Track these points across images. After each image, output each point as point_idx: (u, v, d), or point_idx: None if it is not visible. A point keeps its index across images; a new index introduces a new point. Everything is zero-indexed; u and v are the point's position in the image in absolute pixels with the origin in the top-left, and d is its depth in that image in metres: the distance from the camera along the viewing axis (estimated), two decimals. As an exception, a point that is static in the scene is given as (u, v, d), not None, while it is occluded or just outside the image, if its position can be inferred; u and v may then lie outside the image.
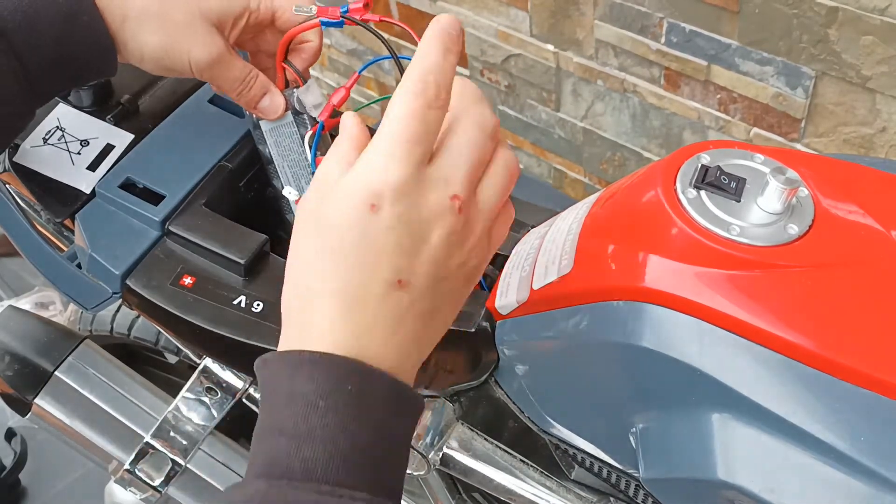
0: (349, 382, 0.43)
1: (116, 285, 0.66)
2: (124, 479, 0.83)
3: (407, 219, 0.43)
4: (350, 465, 0.42)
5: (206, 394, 0.84)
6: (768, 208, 0.46)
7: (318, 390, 0.42)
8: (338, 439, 0.42)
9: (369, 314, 0.44)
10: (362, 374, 0.43)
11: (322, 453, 0.41)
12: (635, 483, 0.60)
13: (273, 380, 0.44)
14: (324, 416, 0.42)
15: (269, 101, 0.65)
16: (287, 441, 0.42)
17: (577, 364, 0.54)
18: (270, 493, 0.40)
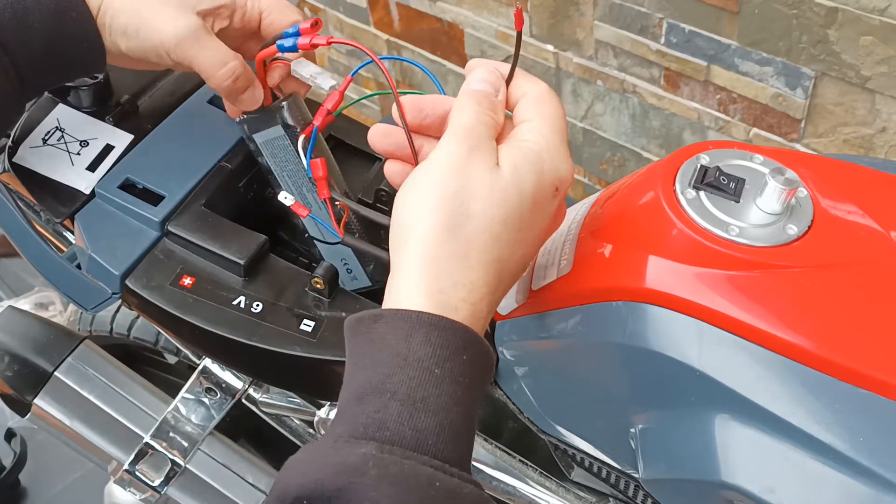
0: (465, 352, 0.42)
1: (116, 286, 0.66)
2: (124, 480, 0.83)
3: (558, 209, 0.49)
4: (458, 440, 0.41)
5: (206, 394, 0.84)
6: (767, 209, 0.46)
7: (434, 355, 0.41)
8: (451, 410, 0.41)
9: (501, 290, 0.47)
10: (476, 345, 0.43)
11: (434, 424, 0.40)
12: (634, 483, 0.60)
13: (385, 336, 0.42)
14: (439, 384, 0.41)
15: (251, 93, 0.63)
16: (399, 406, 0.40)
17: (577, 365, 0.54)
18: (384, 458, 0.39)
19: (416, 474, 0.39)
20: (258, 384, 0.84)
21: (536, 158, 0.47)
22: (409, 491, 0.38)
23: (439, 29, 1.66)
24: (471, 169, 0.45)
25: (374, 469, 0.38)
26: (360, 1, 1.75)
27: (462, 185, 0.45)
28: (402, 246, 0.45)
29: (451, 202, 0.44)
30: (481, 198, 0.45)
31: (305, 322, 0.63)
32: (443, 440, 0.40)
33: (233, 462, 0.87)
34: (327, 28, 1.88)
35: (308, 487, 0.38)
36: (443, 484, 0.39)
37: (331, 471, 0.38)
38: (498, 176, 0.45)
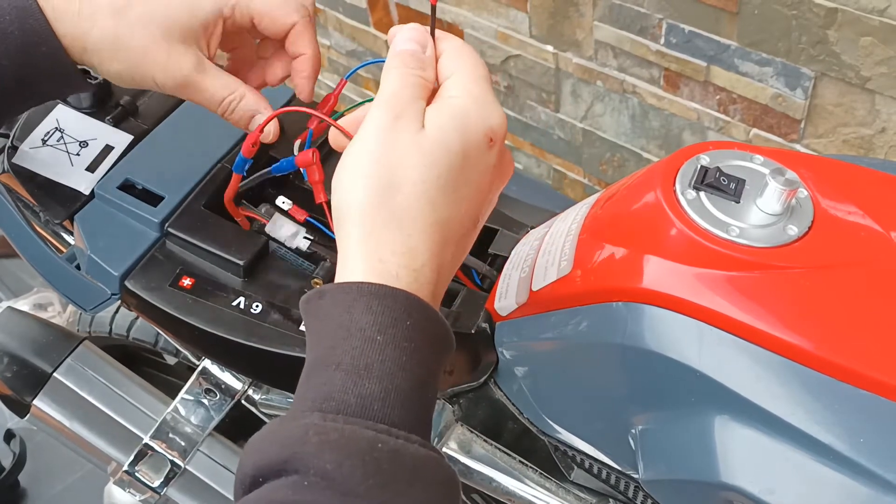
0: (409, 318, 0.42)
1: (115, 286, 0.66)
2: (123, 481, 0.83)
3: (499, 159, 0.48)
4: (406, 404, 0.41)
5: (205, 395, 0.83)
6: (767, 209, 0.46)
7: (376, 323, 0.42)
8: (395, 376, 0.41)
9: (449, 252, 0.46)
10: (420, 311, 0.43)
11: (379, 390, 0.41)
12: (634, 484, 0.60)
13: (329, 311, 0.43)
14: (382, 350, 0.41)
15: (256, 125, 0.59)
16: (343, 375, 0.41)
17: (577, 365, 0.54)
18: (326, 426, 0.39)
19: (357, 437, 0.39)
20: (258, 385, 0.84)
21: (461, 113, 0.46)
22: (351, 454, 0.38)
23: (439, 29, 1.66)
24: (396, 137, 0.45)
25: (314, 437, 0.39)
26: (360, 1, 1.75)
27: (388, 155, 0.45)
28: (342, 224, 0.45)
29: (379, 173, 0.44)
30: (409, 165, 0.44)
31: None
32: (388, 405, 0.41)
33: (232, 463, 0.87)
34: (327, 29, 1.88)
35: (259, 464, 0.39)
36: (385, 445, 0.39)
37: (277, 445, 0.39)
38: (423, 138, 0.45)
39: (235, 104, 0.58)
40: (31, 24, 0.54)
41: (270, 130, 0.60)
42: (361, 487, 0.38)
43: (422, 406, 0.42)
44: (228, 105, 0.58)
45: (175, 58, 0.56)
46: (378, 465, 0.38)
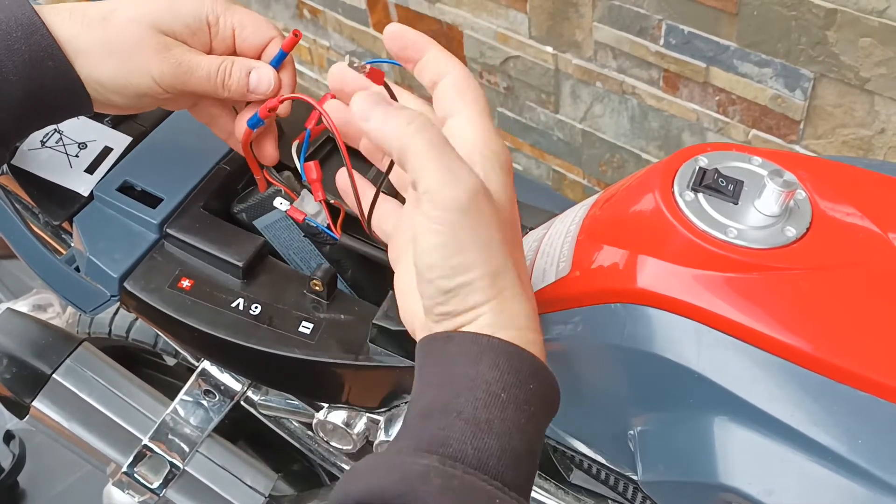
0: (532, 381, 0.43)
1: (114, 288, 0.66)
2: (122, 482, 0.83)
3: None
4: (518, 466, 0.41)
5: (205, 396, 0.84)
6: (766, 211, 0.46)
7: (501, 380, 0.42)
8: (513, 436, 0.41)
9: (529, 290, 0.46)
10: (542, 375, 0.44)
11: (497, 447, 0.41)
12: (633, 485, 0.60)
13: (456, 358, 0.43)
14: (503, 409, 0.42)
15: (256, 77, 0.59)
16: (463, 425, 0.41)
17: (575, 367, 0.54)
18: (447, 471, 0.39)
19: (477, 489, 0.39)
20: (257, 386, 0.84)
21: (501, 164, 0.46)
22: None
23: (438, 30, 1.66)
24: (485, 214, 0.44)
25: (436, 479, 0.39)
26: (360, 2, 1.75)
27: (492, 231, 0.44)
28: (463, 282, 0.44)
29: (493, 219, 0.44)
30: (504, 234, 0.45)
31: (304, 324, 0.63)
32: (503, 463, 0.41)
33: (231, 464, 0.87)
34: (326, 30, 1.88)
35: (369, 492, 0.39)
36: (503, 502, 0.39)
37: (394, 478, 0.39)
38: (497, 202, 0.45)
39: (230, 66, 0.59)
40: (38, 40, 0.55)
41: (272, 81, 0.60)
42: None
43: (530, 470, 0.43)
44: (225, 70, 0.59)
45: (166, 45, 0.57)
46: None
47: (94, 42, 0.56)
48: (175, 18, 0.57)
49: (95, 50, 0.56)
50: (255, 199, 0.68)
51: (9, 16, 0.55)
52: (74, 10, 0.57)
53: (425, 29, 1.67)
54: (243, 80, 0.59)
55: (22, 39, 0.55)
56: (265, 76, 0.59)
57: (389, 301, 0.62)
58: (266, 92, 0.60)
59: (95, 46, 0.56)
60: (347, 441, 0.71)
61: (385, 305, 0.62)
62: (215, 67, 0.59)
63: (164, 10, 0.57)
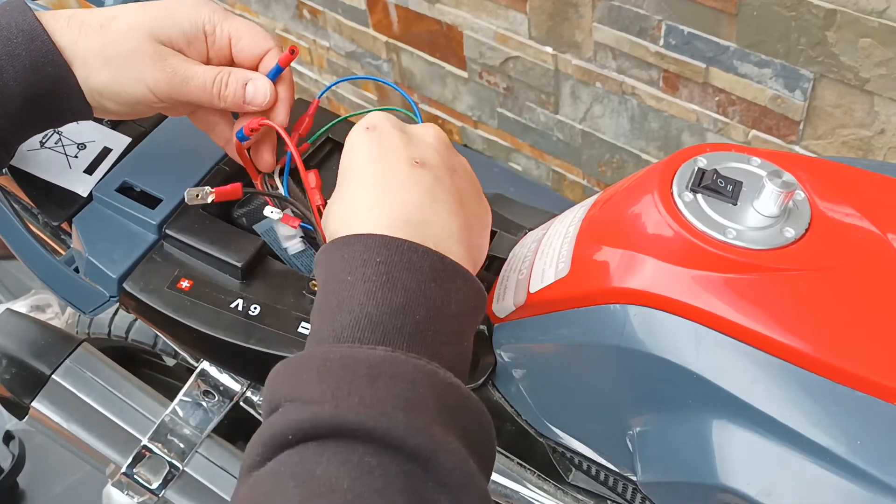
0: (378, 255, 0.46)
1: (114, 289, 0.66)
2: (122, 483, 0.83)
3: (400, 128, 0.53)
4: (377, 326, 0.44)
5: (204, 397, 0.83)
6: (765, 211, 0.46)
7: (347, 268, 0.46)
8: (365, 306, 0.44)
9: (398, 186, 0.49)
10: (390, 246, 0.46)
11: (349, 319, 0.44)
12: (632, 486, 0.60)
13: (319, 273, 0.48)
14: (352, 288, 0.45)
15: (252, 89, 0.60)
16: (323, 318, 0.45)
17: (575, 367, 0.54)
18: (305, 354, 0.43)
19: (311, 356, 0.43)
20: (256, 387, 0.84)
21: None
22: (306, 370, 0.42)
23: (438, 31, 1.66)
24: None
25: (282, 369, 0.44)
26: (359, 3, 1.75)
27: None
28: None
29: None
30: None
31: (304, 325, 0.63)
32: (359, 329, 0.44)
33: (231, 465, 0.87)
34: (326, 30, 1.88)
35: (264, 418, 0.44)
36: (336, 353, 0.43)
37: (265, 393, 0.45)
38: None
39: (226, 77, 0.59)
40: (38, 46, 0.55)
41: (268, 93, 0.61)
42: (317, 393, 0.41)
43: (400, 326, 0.44)
44: (221, 81, 0.59)
45: (162, 54, 0.57)
46: (331, 371, 0.42)
47: (91, 49, 0.56)
48: (172, 27, 0.58)
49: (92, 57, 0.56)
50: (256, 204, 0.68)
51: (10, 21, 0.56)
52: (73, 16, 0.57)
53: (425, 29, 1.67)
54: (239, 92, 0.60)
55: (23, 45, 0.55)
56: (261, 88, 0.60)
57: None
58: (262, 104, 0.60)
59: (92, 54, 0.56)
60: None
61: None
62: (211, 78, 0.59)
63: (161, 18, 0.57)
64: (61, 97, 0.57)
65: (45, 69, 0.56)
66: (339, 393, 0.40)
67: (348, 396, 0.40)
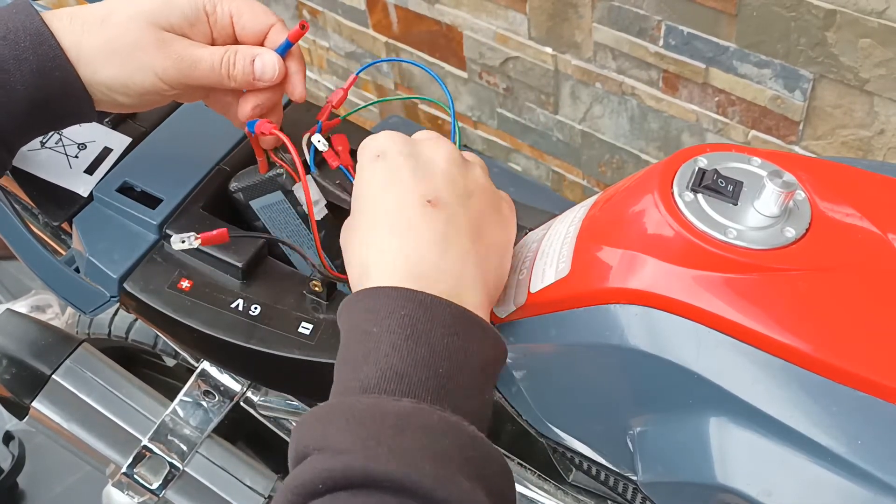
0: (403, 308, 0.46)
1: (114, 289, 0.66)
2: (122, 483, 0.83)
3: (408, 152, 0.52)
4: (402, 378, 0.44)
5: (204, 397, 0.84)
6: (765, 211, 0.46)
7: (373, 319, 0.46)
8: (391, 358, 0.45)
9: (412, 234, 0.50)
10: (415, 300, 0.47)
11: (375, 372, 0.44)
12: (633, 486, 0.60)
13: (343, 322, 0.49)
14: (377, 341, 0.45)
15: (260, 64, 0.59)
16: (348, 369, 0.46)
17: (575, 367, 0.54)
18: (333, 403, 0.44)
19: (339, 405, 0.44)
20: (256, 387, 0.84)
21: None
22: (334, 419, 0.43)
23: (438, 31, 1.66)
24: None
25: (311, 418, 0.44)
26: (359, 3, 1.75)
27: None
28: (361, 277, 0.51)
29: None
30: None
31: (304, 325, 0.63)
32: (385, 380, 0.44)
33: (231, 465, 0.87)
34: (325, 31, 1.88)
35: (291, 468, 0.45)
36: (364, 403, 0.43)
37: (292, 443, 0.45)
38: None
39: (233, 56, 0.59)
40: (46, 50, 0.55)
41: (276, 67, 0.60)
42: (346, 443, 0.41)
43: (424, 379, 0.45)
44: (229, 60, 0.58)
45: (165, 40, 0.57)
46: (359, 421, 0.42)
47: (94, 46, 0.56)
48: (172, 11, 0.57)
49: (97, 53, 0.56)
50: (255, 180, 0.67)
51: (17, 25, 0.55)
52: (75, 15, 0.57)
53: (424, 29, 1.67)
54: (248, 69, 0.59)
55: (30, 49, 0.55)
56: (269, 62, 0.59)
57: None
58: (272, 78, 0.60)
59: (96, 50, 0.56)
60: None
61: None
62: (218, 58, 0.58)
63: (160, 4, 0.57)
64: (67, 101, 0.57)
65: (53, 73, 0.56)
66: (368, 443, 0.41)
67: (377, 447, 0.41)
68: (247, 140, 0.72)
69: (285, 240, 0.67)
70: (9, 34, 0.55)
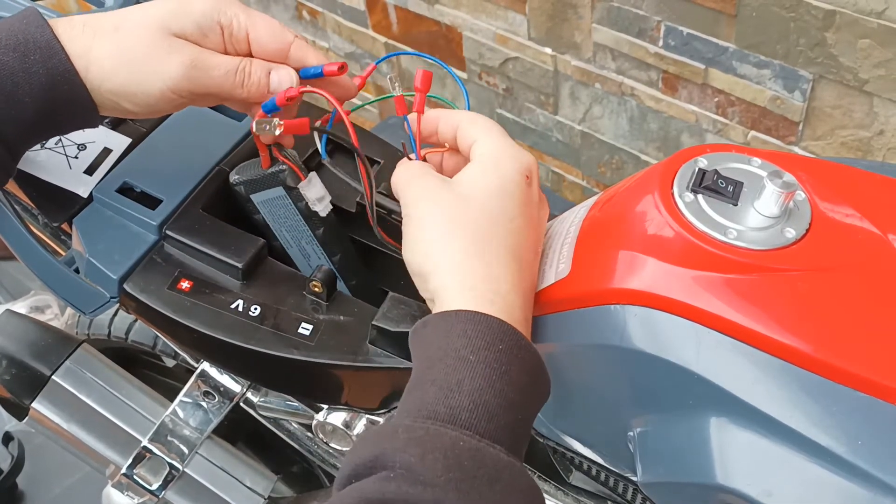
0: (501, 342, 0.46)
1: (114, 290, 0.66)
2: (122, 484, 0.83)
3: (540, 195, 0.55)
4: (493, 418, 0.44)
5: (204, 398, 0.84)
6: (765, 212, 0.46)
7: (470, 345, 0.46)
8: (485, 393, 0.45)
9: (526, 277, 0.51)
10: (512, 337, 0.47)
11: (468, 403, 0.44)
12: (633, 487, 0.60)
13: (431, 337, 0.48)
14: (473, 369, 0.45)
15: (276, 78, 0.58)
16: (436, 390, 0.45)
17: (575, 368, 0.54)
18: (415, 425, 0.43)
19: (441, 434, 0.43)
20: (256, 388, 0.84)
21: (493, 160, 0.53)
22: (433, 449, 0.42)
23: (437, 32, 1.66)
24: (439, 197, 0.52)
25: (403, 434, 0.43)
26: (359, 4, 1.75)
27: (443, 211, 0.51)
28: (427, 272, 0.51)
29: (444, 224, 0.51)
30: (464, 212, 0.51)
31: (304, 325, 0.63)
32: (476, 416, 0.44)
33: (231, 466, 0.87)
34: (325, 31, 1.88)
35: (355, 463, 0.43)
36: (466, 444, 0.42)
37: (370, 444, 0.43)
38: (464, 188, 0.52)
39: (248, 66, 0.57)
40: (55, 64, 0.55)
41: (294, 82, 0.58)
42: (441, 479, 0.41)
43: (509, 424, 0.45)
44: (245, 70, 0.57)
45: (177, 47, 0.56)
46: (458, 461, 0.42)
47: (105, 53, 0.56)
48: (186, 18, 0.56)
49: (106, 60, 0.56)
50: (256, 175, 0.66)
51: (27, 37, 0.55)
52: (87, 23, 0.56)
53: (424, 30, 1.67)
54: (263, 81, 0.58)
55: (40, 62, 0.55)
56: (286, 77, 0.58)
57: (389, 302, 0.62)
58: (284, 88, 0.58)
59: (106, 57, 0.56)
60: (347, 442, 0.71)
61: (384, 307, 0.62)
62: (234, 66, 0.57)
63: (173, 10, 0.56)
64: (73, 109, 0.57)
65: (61, 87, 0.55)
66: (461, 486, 0.41)
67: (469, 492, 0.41)
68: (246, 140, 0.72)
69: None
70: (19, 46, 0.55)
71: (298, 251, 0.70)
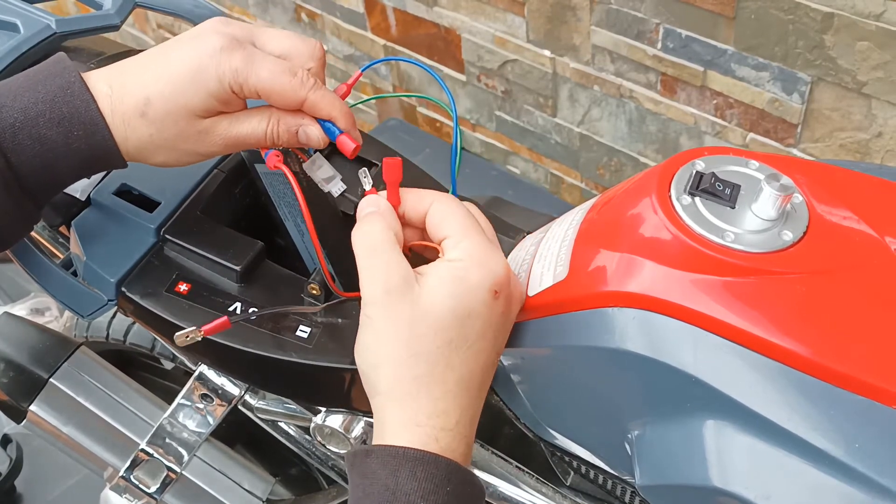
0: (449, 483, 0.48)
1: (112, 292, 0.66)
2: (120, 487, 0.83)
3: (507, 301, 0.53)
4: None
5: (202, 400, 0.83)
6: (763, 215, 0.46)
7: (420, 489, 0.47)
8: None
9: (476, 400, 0.52)
10: (459, 475, 0.49)
11: None
12: (631, 490, 0.60)
13: (377, 471, 0.48)
14: None
15: (304, 136, 0.57)
16: None
17: (573, 371, 0.54)
18: None
19: None
20: (254, 390, 0.84)
21: (462, 276, 0.51)
22: None
23: (436, 34, 1.66)
24: (398, 311, 0.50)
25: None
26: (358, 6, 1.75)
27: (399, 332, 0.50)
28: (373, 393, 0.51)
29: (397, 350, 0.50)
30: (422, 334, 0.50)
31: (301, 328, 0.63)
32: None
33: (229, 468, 0.87)
34: (324, 34, 1.88)
35: None
36: None
37: None
38: (430, 306, 0.50)
39: (276, 127, 0.57)
40: (98, 141, 0.55)
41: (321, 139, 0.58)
42: None
43: None
44: (273, 133, 0.57)
45: (207, 129, 0.56)
46: None
47: (140, 142, 0.56)
48: (206, 95, 0.55)
49: (145, 148, 0.57)
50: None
51: (72, 112, 0.55)
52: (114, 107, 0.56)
53: (423, 32, 1.67)
54: (293, 139, 0.58)
55: (83, 139, 0.55)
56: (314, 136, 0.58)
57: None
58: (317, 146, 0.59)
59: (143, 145, 0.57)
60: (345, 445, 0.71)
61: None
62: (262, 132, 0.57)
63: (192, 92, 0.55)
64: (106, 168, 0.59)
65: (100, 158, 0.57)
66: None
67: None
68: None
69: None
70: (63, 121, 0.54)
71: (294, 227, 0.69)
